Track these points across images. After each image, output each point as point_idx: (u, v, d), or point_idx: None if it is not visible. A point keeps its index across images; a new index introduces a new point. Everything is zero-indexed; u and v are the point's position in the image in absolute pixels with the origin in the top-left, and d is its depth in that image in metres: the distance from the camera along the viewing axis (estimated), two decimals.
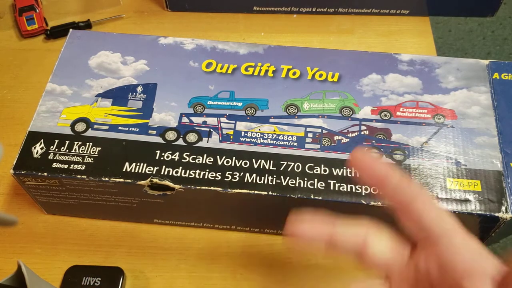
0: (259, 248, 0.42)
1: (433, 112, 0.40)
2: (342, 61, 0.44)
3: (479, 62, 0.43)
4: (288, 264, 0.42)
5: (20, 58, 0.54)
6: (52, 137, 0.38)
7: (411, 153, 0.38)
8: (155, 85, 0.42)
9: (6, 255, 0.42)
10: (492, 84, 0.42)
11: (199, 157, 0.38)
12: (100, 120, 0.40)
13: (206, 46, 0.44)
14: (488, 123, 0.40)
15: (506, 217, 0.35)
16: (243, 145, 0.38)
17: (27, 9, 0.56)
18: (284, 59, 0.44)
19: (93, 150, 0.38)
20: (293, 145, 0.39)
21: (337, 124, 0.40)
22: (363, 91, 0.42)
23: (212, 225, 0.42)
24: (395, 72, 0.43)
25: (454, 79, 0.42)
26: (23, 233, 0.43)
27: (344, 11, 0.57)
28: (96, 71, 0.42)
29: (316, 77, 0.43)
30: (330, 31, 0.56)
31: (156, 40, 0.45)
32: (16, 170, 0.37)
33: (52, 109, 0.40)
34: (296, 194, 0.36)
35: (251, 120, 0.40)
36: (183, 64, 0.43)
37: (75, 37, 0.45)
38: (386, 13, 0.57)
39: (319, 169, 0.37)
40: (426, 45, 0.55)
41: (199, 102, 0.41)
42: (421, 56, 0.44)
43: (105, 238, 0.43)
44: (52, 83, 0.42)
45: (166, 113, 0.40)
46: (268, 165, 0.37)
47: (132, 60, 0.43)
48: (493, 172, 0.37)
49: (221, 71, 0.43)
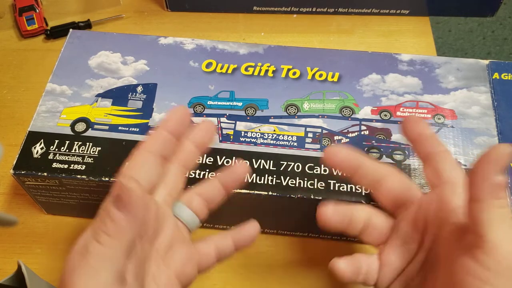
0: (259, 248, 0.42)
1: (433, 112, 0.40)
2: (342, 61, 0.44)
3: (479, 62, 0.43)
4: (288, 264, 0.42)
5: (20, 58, 0.54)
6: (52, 137, 0.38)
7: (411, 153, 0.38)
8: (155, 85, 0.42)
9: (6, 255, 0.42)
10: (492, 84, 0.42)
11: (199, 157, 0.38)
12: (100, 120, 0.40)
13: (206, 46, 0.44)
14: (488, 123, 0.40)
15: None
16: (243, 145, 0.38)
17: (27, 9, 0.56)
18: (284, 59, 0.44)
19: (93, 150, 0.38)
20: (293, 145, 0.39)
21: (337, 124, 0.40)
22: (363, 91, 0.42)
23: (212, 225, 0.42)
24: (395, 72, 0.43)
25: (454, 79, 0.42)
26: (23, 233, 0.43)
27: (344, 11, 0.57)
28: (96, 71, 0.42)
29: (316, 77, 0.43)
30: (330, 31, 0.56)
31: (156, 40, 0.45)
32: (16, 170, 0.37)
33: (52, 109, 0.40)
34: (296, 194, 0.36)
35: (251, 120, 0.40)
36: (183, 64, 0.43)
37: (75, 37, 0.45)
38: (386, 13, 0.57)
39: (319, 169, 0.37)
40: (426, 45, 0.55)
41: (199, 102, 0.41)
42: (421, 56, 0.44)
43: None
44: (52, 83, 0.42)
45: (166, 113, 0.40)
46: (268, 165, 0.37)
47: (132, 60, 0.43)
48: None
49: (221, 71, 0.43)
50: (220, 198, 0.32)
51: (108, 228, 0.23)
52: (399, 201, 0.31)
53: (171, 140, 0.28)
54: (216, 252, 0.31)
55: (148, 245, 0.27)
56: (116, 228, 0.23)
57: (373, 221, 0.32)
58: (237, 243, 0.32)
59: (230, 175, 0.32)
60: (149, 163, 0.27)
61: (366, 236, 0.32)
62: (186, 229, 0.31)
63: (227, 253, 0.32)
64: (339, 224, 0.31)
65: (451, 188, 0.29)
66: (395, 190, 0.31)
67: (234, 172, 0.32)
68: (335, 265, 0.30)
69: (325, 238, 0.43)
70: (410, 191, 0.31)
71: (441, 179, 0.29)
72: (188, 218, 0.31)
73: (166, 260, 0.28)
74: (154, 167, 0.27)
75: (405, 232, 0.30)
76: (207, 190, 0.32)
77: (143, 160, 0.27)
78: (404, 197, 0.31)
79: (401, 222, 0.31)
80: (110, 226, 0.23)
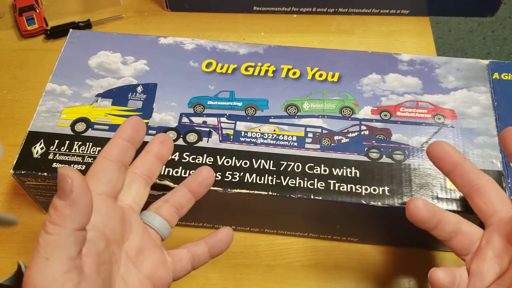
0: (259, 248, 0.42)
1: (433, 112, 0.40)
2: (342, 61, 0.44)
3: (479, 62, 0.43)
4: (288, 264, 0.42)
5: (20, 58, 0.54)
6: (52, 137, 0.38)
7: (411, 153, 0.38)
8: (155, 85, 0.42)
9: (6, 255, 0.42)
10: (492, 84, 0.42)
11: (199, 157, 0.38)
12: (100, 120, 0.40)
13: (206, 46, 0.44)
14: (488, 123, 0.40)
15: None
16: (243, 145, 0.38)
17: (27, 9, 0.56)
18: (284, 59, 0.44)
19: (93, 150, 0.38)
20: (293, 145, 0.39)
21: (337, 124, 0.40)
22: (363, 91, 0.42)
23: (212, 225, 0.42)
24: (395, 72, 0.43)
25: (454, 79, 0.42)
26: (23, 233, 0.43)
27: (344, 11, 0.57)
28: (96, 71, 0.42)
29: (316, 77, 0.43)
30: (330, 31, 0.56)
31: (156, 40, 0.45)
32: (16, 170, 0.37)
33: (52, 109, 0.40)
34: (296, 194, 0.36)
35: (251, 120, 0.40)
36: (183, 64, 0.43)
37: (75, 37, 0.45)
38: (386, 13, 0.57)
39: (319, 169, 0.37)
40: (426, 45, 0.55)
41: (199, 102, 0.41)
42: (421, 56, 0.44)
43: None
44: (52, 83, 0.42)
45: (166, 113, 0.40)
46: (268, 165, 0.37)
47: (132, 60, 0.43)
48: (493, 172, 0.37)
49: (221, 71, 0.43)
50: (189, 203, 0.33)
51: (52, 218, 0.24)
52: (492, 212, 0.31)
53: (128, 147, 0.30)
54: (190, 257, 0.32)
55: (116, 246, 0.28)
56: (59, 216, 0.23)
57: (464, 229, 0.31)
58: (211, 249, 0.32)
59: (195, 179, 0.33)
60: (108, 168, 0.29)
61: (455, 242, 0.32)
62: (159, 237, 0.32)
63: (201, 259, 0.32)
64: (428, 220, 0.31)
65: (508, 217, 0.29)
66: (491, 199, 0.31)
67: (199, 176, 0.33)
68: (433, 274, 0.30)
69: (325, 238, 0.43)
70: (505, 203, 0.31)
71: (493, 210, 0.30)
72: (159, 225, 0.31)
73: (137, 263, 0.29)
74: (113, 172, 0.29)
75: (498, 245, 0.30)
76: (175, 197, 0.33)
77: (102, 166, 0.29)
78: (498, 208, 0.31)
79: (495, 234, 0.30)
80: (54, 215, 0.24)
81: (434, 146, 0.32)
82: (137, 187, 0.31)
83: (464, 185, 0.32)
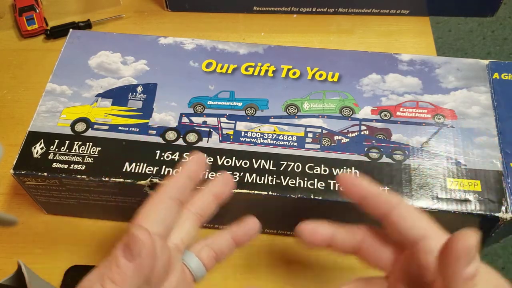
0: (259, 248, 0.42)
1: (433, 112, 0.40)
2: (342, 61, 0.44)
3: (479, 62, 0.43)
4: (288, 264, 0.42)
5: (20, 58, 0.54)
6: (52, 137, 0.38)
7: (411, 153, 0.38)
8: (155, 85, 0.42)
9: (6, 255, 0.42)
10: (492, 84, 0.42)
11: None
12: (100, 120, 0.40)
13: (206, 46, 0.44)
14: (488, 123, 0.40)
15: (506, 217, 0.35)
16: (243, 145, 0.38)
17: (27, 9, 0.56)
18: (284, 59, 0.44)
19: (93, 150, 0.38)
20: (293, 145, 0.39)
21: (337, 124, 0.40)
22: (363, 91, 0.42)
23: (212, 225, 0.42)
24: (395, 72, 0.43)
25: (454, 79, 0.42)
26: (23, 233, 0.43)
27: (344, 11, 0.57)
28: (96, 71, 0.42)
29: (316, 77, 0.43)
30: (330, 31, 0.56)
31: (156, 40, 0.45)
32: (16, 170, 0.37)
33: (52, 109, 0.40)
34: (296, 194, 0.36)
35: (251, 120, 0.40)
36: (183, 64, 0.43)
37: (75, 37, 0.45)
38: (386, 13, 0.57)
39: (319, 169, 0.37)
40: (426, 45, 0.55)
41: (199, 102, 0.41)
42: (421, 56, 0.44)
43: (105, 238, 0.43)
44: (52, 83, 0.42)
45: (166, 113, 0.40)
46: (268, 165, 0.37)
47: (132, 60, 0.43)
48: (493, 172, 0.37)
49: (221, 71, 0.43)
50: (230, 251, 0.33)
51: (114, 276, 0.24)
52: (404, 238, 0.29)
53: (189, 186, 0.30)
54: None
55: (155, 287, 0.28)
56: (122, 276, 0.24)
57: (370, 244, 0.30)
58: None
59: (242, 229, 0.33)
60: (167, 208, 0.28)
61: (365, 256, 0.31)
62: (192, 277, 0.31)
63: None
64: None
65: (423, 248, 0.27)
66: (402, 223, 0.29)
67: (245, 227, 0.33)
68: None
69: None
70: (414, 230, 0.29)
71: (409, 240, 0.28)
72: (195, 268, 0.31)
73: None
74: (171, 212, 0.28)
75: (414, 272, 0.29)
76: (218, 242, 0.32)
77: (162, 205, 0.28)
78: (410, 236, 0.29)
79: (410, 261, 0.29)
80: (116, 274, 0.24)
81: (340, 178, 0.31)
82: (189, 226, 0.31)
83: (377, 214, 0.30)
